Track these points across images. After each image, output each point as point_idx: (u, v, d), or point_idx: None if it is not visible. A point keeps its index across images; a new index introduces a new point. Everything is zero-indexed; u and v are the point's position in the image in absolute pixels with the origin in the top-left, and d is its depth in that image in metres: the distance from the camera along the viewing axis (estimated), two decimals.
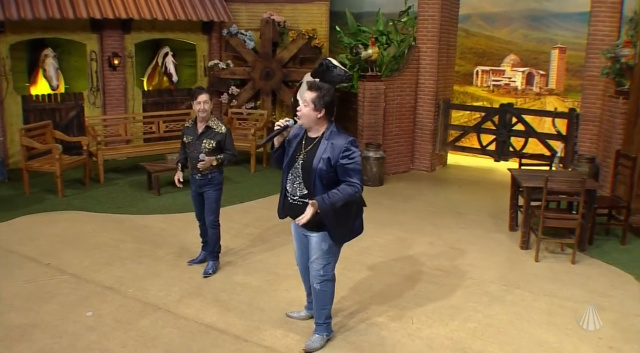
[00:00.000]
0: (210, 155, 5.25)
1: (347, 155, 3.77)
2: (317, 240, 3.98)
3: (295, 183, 3.95)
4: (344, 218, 3.95)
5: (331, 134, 3.86)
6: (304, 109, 3.85)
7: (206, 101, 5.24)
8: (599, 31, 8.02)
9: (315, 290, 4.15)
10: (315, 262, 4.06)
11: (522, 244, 6.31)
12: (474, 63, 10.98)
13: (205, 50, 10.75)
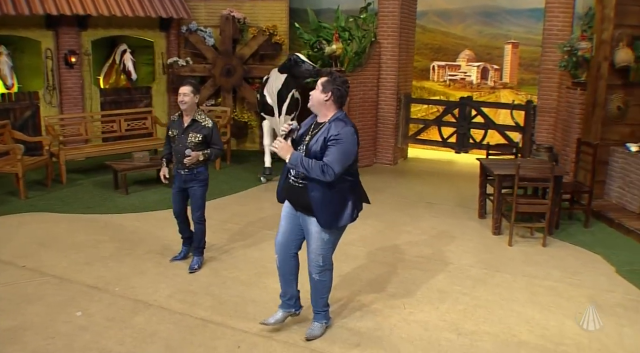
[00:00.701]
0: (196, 149, 5.19)
1: (337, 139, 3.78)
2: (316, 229, 4.01)
3: None
4: (332, 202, 3.93)
5: (336, 119, 3.89)
6: (314, 92, 3.92)
7: (186, 93, 5.17)
8: (553, 26, 8.42)
9: (314, 280, 4.20)
10: (313, 252, 4.10)
11: (495, 230, 6.56)
12: (430, 58, 11.27)
13: (163, 47, 10.59)
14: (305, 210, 4.02)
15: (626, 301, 4.96)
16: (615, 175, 7.35)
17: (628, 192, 7.12)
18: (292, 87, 8.29)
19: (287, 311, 4.38)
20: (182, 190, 5.43)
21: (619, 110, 7.37)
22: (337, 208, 3.97)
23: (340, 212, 3.98)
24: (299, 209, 4.08)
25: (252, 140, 11.01)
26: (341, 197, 3.98)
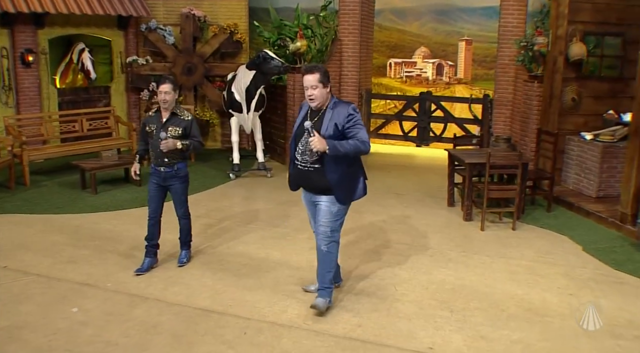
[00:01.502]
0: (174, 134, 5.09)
1: (352, 119, 4.16)
2: (327, 203, 4.31)
3: (307, 152, 4.20)
4: (350, 180, 4.32)
5: (335, 104, 4.24)
6: (316, 91, 4.13)
7: (167, 92, 5.05)
8: (508, 23, 8.86)
9: (322, 252, 4.42)
10: (323, 225, 4.35)
11: (466, 216, 6.87)
12: (387, 55, 11.58)
13: (121, 46, 10.43)
14: (317, 191, 4.32)
15: (597, 276, 5.34)
16: (571, 162, 7.81)
17: (584, 178, 7.58)
18: (260, 83, 8.38)
19: None
20: (160, 187, 5.26)
21: (574, 102, 7.84)
22: (351, 186, 4.36)
23: (354, 189, 4.38)
24: (311, 190, 4.38)
25: (213, 138, 10.99)
26: (354, 175, 4.37)
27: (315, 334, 4.22)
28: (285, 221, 6.81)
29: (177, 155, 5.18)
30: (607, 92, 8.01)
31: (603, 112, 7.92)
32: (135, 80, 10.32)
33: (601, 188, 7.39)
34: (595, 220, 6.81)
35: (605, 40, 7.91)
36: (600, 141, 7.41)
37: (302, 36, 9.06)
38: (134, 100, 10.62)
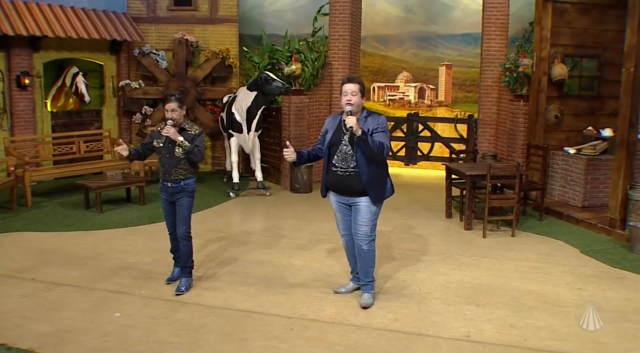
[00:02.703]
0: (184, 157, 5.07)
1: (380, 128, 4.59)
2: (366, 204, 4.69)
3: (348, 158, 4.61)
4: (380, 181, 4.71)
5: (367, 114, 4.69)
6: (354, 97, 4.55)
7: (174, 109, 4.99)
8: (491, 48, 9.44)
9: (363, 251, 4.78)
10: (364, 226, 4.72)
11: (467, 225, 7.25)
12: (371, 80, 12.05)
13: (113, 70, 10.59)
14: (354, 194, 4.69)
15: (598, 273, 5.77)
16: (556, 175, 8.33)
17: (570, 189, 8.10)
18: (261, 104, 8.67)
19: (357, 283, 5.08)
20: (170, 203, 5.24)
21: (557, 119, 8.42)
22: (382, 186, 4.74)
23: (384, 189, 4.78)
24: (348, 194, 4.72)
25: (204, 161, 11.14)
26: (383, 177, 4.75)
27: (358, 328, 4.46)
28: (296, 233, 7.04)
29: (183, 170, 5.13)
30: (585, 109, 8.64)
31: (583, 129, 8.52)
32: (128, 104, 10.46)
33: (586, 198, 7.91)
34: (584, 226, 7.29)
35: (583, 62, 8.55)
36: (583, 155, 7.96)
37: (296, 60, 9.43)
38: (126, 123, 10.74)
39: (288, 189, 9.53)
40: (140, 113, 10.48)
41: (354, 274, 5.17)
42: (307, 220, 7.70)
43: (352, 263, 5.14)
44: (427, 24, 11.63)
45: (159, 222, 7.47)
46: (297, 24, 11.70)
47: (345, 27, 10.15)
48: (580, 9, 8.30)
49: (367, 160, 4.57)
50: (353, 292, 5.12)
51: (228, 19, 10.83)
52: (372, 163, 4.60)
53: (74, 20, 9.58)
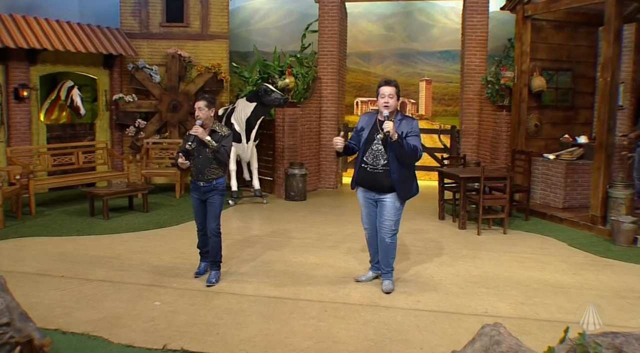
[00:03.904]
0: (211, 155, 5.35)
1: (414, 132, 4.98)
2: (391, 200, 5.07)
3: (379, 156, 5.00)
4: (408, 180, 5.10)
5: (401, 117, 5.04)
6: (391, 100, 4.92)
7: (201, 108, 5.31)
8: (471, 63, 10.10)
9: (386, 243, 5.17)
10: (388, 220, 5.10)
11: (462, 225, 7.75)
12: (354, 95, 12.58)
13: (106, 84, 10.80)
14: (382, 190, 5.06)
15: (588, 261, 6.33)
16: (537, 179, 8.95)
17: (551, 191, 8.72)
18: (261, 114, 9.06)
19: (376, 272, 5.51)
20: (201, 201, 5.56)
21: (536, 127, 9.08)
22: (408, 185, 5.12)
23: (410, 187, 5.15)
24: (376, 190, 5.10)
25: None
26: (410, 177, 5.14)
27: (386, 309, 4.86)
28: (303, 235, 7.40)
29: (215, 170, 5.44)
30: (561, 119, 9.33)
31: (559, 136, 9.20)
32: (122, 117, 10.67)
33: (566, 199, 8.54)
34: (568, 224, 7.88)
35: (558, 75, 9.27)
36: (562, 160, 8.60)
37: (290, 73, 9.87)
38: (118, 136, 10.93)
39: (283, 197, 9.89)
40: (133, 126, 10.69)
41: (373, 263, 5.57)
42: (310, 223, 8.07)
43: (373, 253, 5.52)
44: (407, 41, 12.26)
45: (167, 226, 7.75)
46: (283, 41, 12.16)
47: (334, 43, 10.68)
48: (555, 26, 9.04)
49: (397, 160, 4.95)
50: (372, 280, 5.53)
51: (219, 36, 11.20)
52: (401, 163, 4.98)
53: (71, 34, 9.80)
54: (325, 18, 10.64)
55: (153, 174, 10.12)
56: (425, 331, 4.42)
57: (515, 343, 2.89)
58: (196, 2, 11.02)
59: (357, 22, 12.31)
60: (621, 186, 7.28)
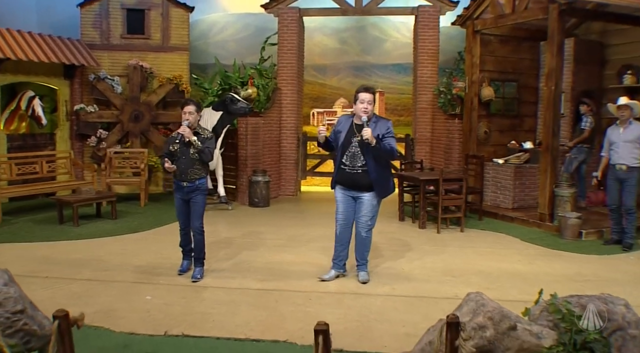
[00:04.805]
0: (197, 159, 5.64)
1: (390, 133, 5.42)
2: (369, 198, 5.47)
3: (356, 158, 5.37)
4: (385, 179, 5.51)
5: (376, 119, 5.44)
6: (370, 105, 5.34)
7: (191, 112, 5.60)
8: (424, 74, 10.72)
9: (362, 237, 5.59)
10: (366, 216, 5.51)
11: (422, 225, 8.26)
12: (310, 106, 13.03)
13: (67, 95, 10.82)
14: (361, 189, 5.46)
15: (541, 253, 6.94)
16: (488, 183, 9.59)
17: (501, 194, 9.38)
18: (226, 123, 9.35)
19: (338, 271, 5.75)
20: (184, 201, 5.81)
21: (486, 134, 9.75)
22: (386, 184, 5.54)
23: (387, 186, 5.57)
24: (355, 189, 5.48)
25: (155, 183, 11.52)
26: (387, 176, 5.59)
27: (366, 295, 5.26)
28: (275, 236, 7.72)
29: (198, 170, 5.71)
30: (508, 126, 10.06)
31: (506, 143, 9.92)
32: (83, 128, 10.71)
33: (515, 200, 9.20)
34: (518, 223, 8.52)
35: (505, 86, 10.00)
36: (511, 164, 9.28)
37: (252, 84, 10.21)
38: (79, 147, 10.94)
39: (247, 204, 10.16)
40: (95, 136, 10.74)
41: (336, 261, 5.77)
42: (278, 226, 8.39)
43: (340, 250, 5.76)
44: (361, 54, 12.84)
45: (140, 231, 7.90)
46: (241, 54, 12.45)
47: (293, 56, 11.10)
48: (501, 41, 9.78)
49: (374, 161, 5.36)
50: (335, 279, 5.73)
51: (179, 48, 11.43)
52: (379, 163, 5.40)
53: (33, 44, 9.82)
54: (284, 31, 11.06)
55: (118, 183, 10.20)
56: (404, 312, 4.85)
57: (498, 306, 3.33)
58: (157, 15, 11.23)
59: (313, 35, 12.78)
60: (566, 185, 7.98)
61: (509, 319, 3.19)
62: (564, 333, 3.15)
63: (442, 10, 10.71)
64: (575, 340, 3.03)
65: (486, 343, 3.13)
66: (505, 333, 3.16)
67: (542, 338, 3.17)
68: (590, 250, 7.08)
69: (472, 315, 3.25)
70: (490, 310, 3.23)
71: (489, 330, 3.15)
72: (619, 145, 7.05)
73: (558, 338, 3.14)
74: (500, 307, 3.31)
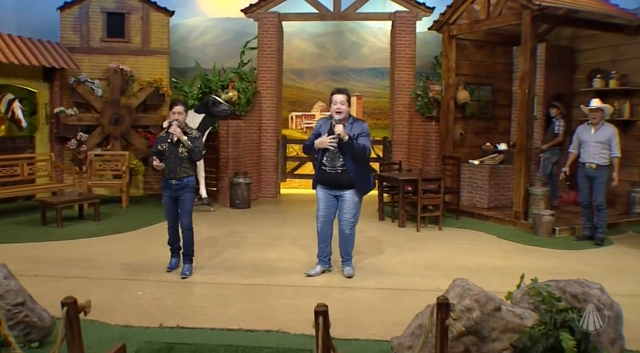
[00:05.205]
0: (186, 157, 5.80)
1: (364, 133, 5.62)
2: (351, 196, 5.67)
3: (335, 158, 5.56)
4: (364, 177, 5.70)
5: (352, 121, 5.66)
6: (343, 106, 5.53)
7: (180, 112, 5.78)
8: (401, 78, 10.99)
9: (346, 234, 5.79)
10: (348, 213, 5.70)
11: (401, 223, 8.49)
12: (289, 110, 13.20)
13: (46, 97, 10.81)
14: (342, 188, 5.65)
15: (517, 249, 7.21)
16: (464, 183, 9.87)
17: (477, 194, 9.67)
18: (208, 125, 9.46)
19: (323, 267, 5.92)
20: (173, 199, 5.95)
21: (462, 136, 10.05)
22: (365, 182, 5.72)
23: (367, 183, 5.76)
24: (337, 188, 5.67)
25: (136, 186, 11.54)
26: (366, 174, 5.77)
27: (352, 289, 5.44)
28: (258, 235, 7.87)
29: (186, 168, 5.86)
30: (483, 128, 10.38)
31: (482, 144, 10.22)
32: (63, 131, 10.69)
33: (491, 200, 9.50)
34: (494, 221, 8.80)
35: (480, 89, 10.32)
36: (486, 165, 9.58)
37: (233, 87, 10.35)
38: (58, 149, 10.92)
39: (228, 206, 10.27)
40: (75, 139, 10.74)
41: (320, 257, 5.96)
42: (260, 226, 8.53)
43: (323, 247, 5.94)
44: (338, 59, 13.07)
45: (124, 232, 7.96)
46: (220, 58, 12.55)
47: (273, 60, 11.28)
48: (476, 45, 10.10)
49: (352, 161, 5.55)
50: (321, 274, 5.92)
51: (159, 51, 11.49)
52: (357, 163, 5.59)
53: (13, 47, 9.80)
54: (264, 36, 11.23)
55: (99, 185, 10.22)
56: (391, 303, 5.04)
57: (482, 290, 3.55)
58: (137, 19, 11.29)
59: (291, 40, 12.97)
60: (539, 184, 8.30)
61: (494, 301, 3.41)
62: (544, 314, 3.37)
63: (419, 16, 11.00)
64: (556, 319, 3.26)
65: (473, 323, 3.35)
66: (490, 314, 3.37)
67: (524, 318, 3.39)
68: (563, 245, 7.38)
69: (459, 298, 3.46)
70: (476, 293, 3.44)
71: (476, 312, 3.36)
72: (589, 144, 7.37)
73: (539, 318, 3.36)
74: (485, 291, 3.53)
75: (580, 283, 3.66)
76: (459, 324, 3.23)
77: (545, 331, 3.20)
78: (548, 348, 3.13)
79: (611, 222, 8.11)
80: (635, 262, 6.65)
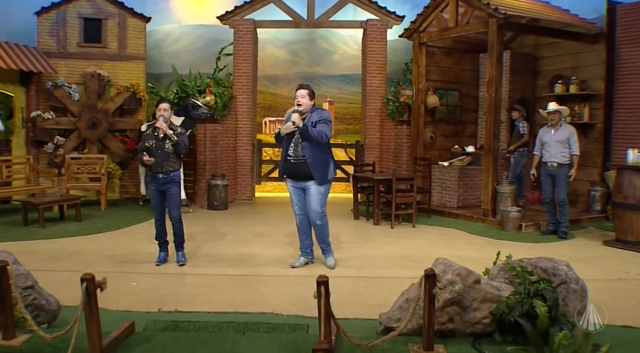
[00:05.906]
0: (171, 152, 6.11)
1: (323, 119, 5.85)
2: (315, 187, 5.92)
3: (298, 148, 5.84)
4: (322, 165, 5.90)
5: (313, 111, 5.93)
6: (304, 99, 5.82)
7: (166, 109, 6.16)
8: (373, 84, 11.42)
9: (317, 225, 6.06)
10: (315, 204, 5.95)
11: (376, 221, 8.86)
12: (263, 115, 13.49)
13: (23, 101, 10.86)
14: (305, 178, 5.90)
15: (487, 242, 7.65)
16: (434, 184, 10.31)
17: (446, 194, 10.12)
18: (188, 128, 9.67)
19: (306, 258, 6.23)
20: (160, 193, 6.22)
21: (431, 139, 10.50)
22: (325, 169, 5.93)
23: (327, 170, 5.96)
24: (301, 179, 5.93)
25: (112, 189, 11.64)
26: (325, 160, 5.96)
27: (336, 277, 5.67)
28: (238, 232, 8.13)
29: (173, 163, 6.16)
30: (452, 132, 10.87)
31: (450, 147, 10.70)
32: (39, 134, 10.75)
33: (460, 200, 9.96)
34: (464, 219, 9.25)
35: (448, 94, 10.81)
36: (455, 166, 10.05)
37: (210, 92, 10.60)
38: (35, 153, 10.96)
39: (205, 208, 10.49)
40: (52, 143, 10.81)
41: (303, 249, 6.27)
42: (240, 225, 8.79)
43: (303, 239, 6.26)
44: (311, 65, 13.45)
45: (107, 231, 8.11)
46: (195, 64, 12.78)
47: (248, 65, 11.57)
48: (444, 52, 10.60)
49: (311, 147, 5.78)
50: (305, 265, 6.25)
51: (135, 57, 11.67)
52: (315, 149, 5.80)
53: None
54: (240, 42, 11.52)
55: (77, 188, 10.32)
56: (374, 289, 5.39)
57: (463, 266, 3.92)
58: (114, 24, 11.45)
59: (265, 47, 13.29)
60: (506, 183, 8.79)
61: (474, 275, 3.78)
62: (519, 286, 3.75)
63: (389, 24, 11.46)
64: (529, 289, 3.64)
65: (456, 295, 3.71)
66: (471, 286, 3.74)
67: (501, 290, 3.77)
68: (530, 239, 7.86)
69: (443, 274, 3.82)
70: (458, 268, 3.82)
71: (458, 284, 3.73)
72: (550, 144, 7.89)
73: (514, 289, 3.74)
74: (465, 267, 3.90)
75: (549, 259, 4.06)
76: (445, 294, 3.58)
77: (520, 299, 3.58)
78: (523, 313, 3.50)
79: (573, 219, 8.64)
80: (596, 253, 7.15)
